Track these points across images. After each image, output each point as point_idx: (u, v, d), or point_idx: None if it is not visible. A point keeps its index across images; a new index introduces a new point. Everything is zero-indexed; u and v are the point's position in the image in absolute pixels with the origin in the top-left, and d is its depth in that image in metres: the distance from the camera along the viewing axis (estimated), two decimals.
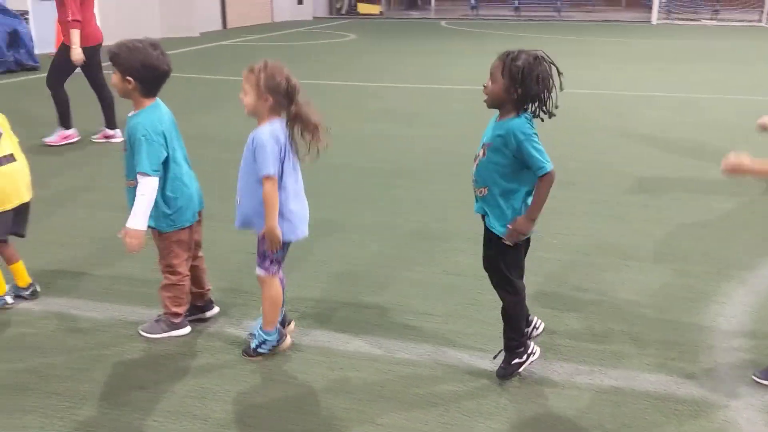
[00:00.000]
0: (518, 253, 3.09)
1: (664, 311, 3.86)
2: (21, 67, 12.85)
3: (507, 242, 2.98)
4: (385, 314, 3.81)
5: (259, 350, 3.36)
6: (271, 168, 3.09)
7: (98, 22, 7.77)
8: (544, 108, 2.94)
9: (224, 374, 3.23)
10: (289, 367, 3.28)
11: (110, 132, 7.81)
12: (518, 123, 2.89)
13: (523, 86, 2.85)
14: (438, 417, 2.93)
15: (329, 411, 2.96)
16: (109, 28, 16.84)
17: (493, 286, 3.18)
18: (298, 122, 3.16)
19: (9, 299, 3.82)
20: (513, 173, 2.94)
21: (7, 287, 3.84)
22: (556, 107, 2.98)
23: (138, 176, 3.25)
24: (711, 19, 26.03)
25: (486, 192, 3.00)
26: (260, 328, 3.36)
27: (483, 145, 3.01)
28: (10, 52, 12.79)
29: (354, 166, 6.75)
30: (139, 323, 3.62)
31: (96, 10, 7.62)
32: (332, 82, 11.98)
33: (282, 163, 3.14)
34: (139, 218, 3.23)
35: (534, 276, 4.26)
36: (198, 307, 3.70)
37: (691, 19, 25.87)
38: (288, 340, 3.44)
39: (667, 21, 25.60)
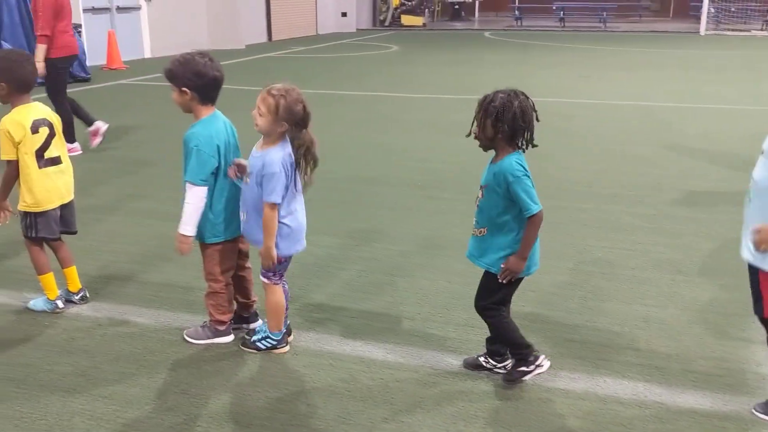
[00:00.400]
0: (509, 290, 3.15)
1: (711, 326, 3.78)
2: (73, 79, 13.21)
3: (502, 280, 3.06)
4: (426, 325, 3.81)
5: (258, 344, 3.51)
6: (276, 196, 3.23)
7: (147, 37, 7.87)
8: (530, 139, 3.03)
9: (267, 382, 3.26)
10: (331, 376, 3.30)
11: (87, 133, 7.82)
12: (508, 164, 2.96)
13: (506, 122, 2.93)
14: (479, 430, 2.91)
15: (370, 421, 2.96)
16: (159, 42, 17.35)
17: (478, 311, 3.23)
18: (307, 150, 3.29)
19: (60, 303, 3.93)
20: (507, 212, 3.00)
21: (59, 292, 3.95)
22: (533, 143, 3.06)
23: (186, 185, 3.33)
24: (762, 30, 25.48)
25: (485, 232, 3.08)
26: (266, 328, 3.52)
27: (480, 187, 3.09)
28: None
29: (394, 177, 6.78)
30: (184, 329, 3.69)
31: (145, 25, 7.73)
32: (374, 93, 12.05)
33: (287, 188, 3.26)
34: (185, 225, 3.38)
35: (580, 290, 4.24)
36: (243, 318, 3.75)
37: (741, 30, 25.36)
38: (286, 348, 3.54)
39: (716, 32, 25.13)
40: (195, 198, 3.35)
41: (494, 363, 3.33)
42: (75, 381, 3.26)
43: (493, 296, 3.15)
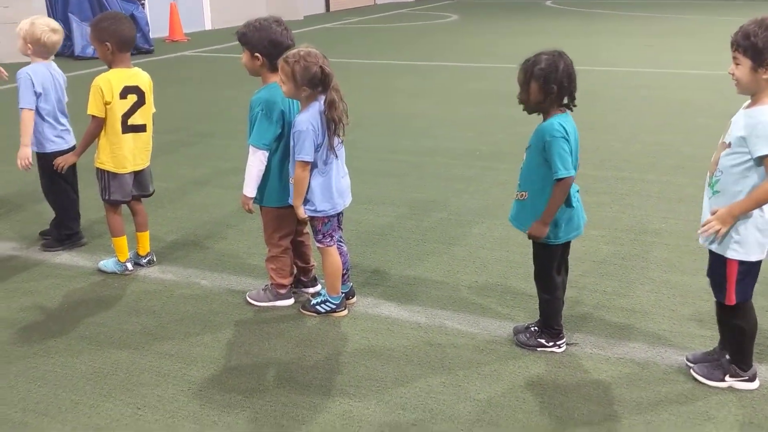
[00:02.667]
0: (555, 256, 3.14)
1: None
2: (137, 51, 13.48)
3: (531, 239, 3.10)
4: (483, 293, 3.81)
5: (318, 307, 3.58)
6: (305, 154, 3.26)
7: (208, 9, 7.94)
8: (573, 98, 3.01)
9: (326, 344, 3.33)
10: (389, 341, 3.35)
11: None
12: (549, 124, 2.96)
13: (555, 83, 2.92)
14: (536, 397, 2.92)
15: (428, 385, 3.00)
16: (219, 13, 17.52)
17: (536, 281, 3.24)
18: (332, 108, 3.26)
19: (129, 266, 4.08)
20: (548, 178, 2.98)
21: (129, 254, 4.10)
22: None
23: (249, 148, 3.42)
24: None
25: (526, 196, 3.08)
26: (326, 292, 3.58)
27: (526, 149, 3.08)
28: None
29: (452, 148, 6.74)
30: (246, 292, 3.78)
31: None
32: (433, 63, 11.96)
33: (319, 147, 3.27)
34: (247, 186, 3.48)
35: (641, 261, 4.18)
36: (302, 282, 3.83)
37: None
38: (344, 312, 3.59)
39: None
40: (256, 161, 3.42)
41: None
42: (143, 339, 3.39)
43: (546, 264, 3.14)
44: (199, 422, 2.77)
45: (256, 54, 3.41)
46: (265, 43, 3.39)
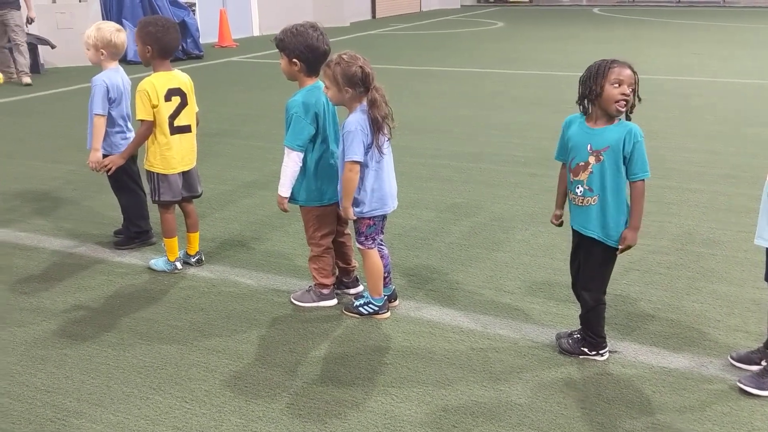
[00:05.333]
0: (615, 255, 3.12)
1: None
2: (187, 56, 13.77)
3: (620, 254, 3.07)
4: (526, 299, 3.82)
5: (361, 309, 3.63)
6: (354, 155, 3.31)
7: (256, 16, 8.06)
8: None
9: (369, 345, 3.38)
10: (431, 343, 3.38)
11: None
12: (637, 127, 2.97)
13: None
14: (578, 403, 2.92)
15: (469, 388, 3.03)
16: (266, 19, 17.79)
17: (580, 289, 3.21)
18: (375, 108, 3.31)
19: (179, 265, 4.19)
20: (623, 178, 3.00)
21: (180, 253, 4.21)
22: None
23: (285, 149, 3.51)
24: None
25: (596, 201, 3.02)
26: (368, 294, 3.64)
27: (595, 152, 2.99)
28: None
29: (497, 154, 6.74)
30: (290, 292, 3.86)
31: (254, 4, 7.91)
32: (478, 70, 11.95)
33: (369, 147, 3.33)
34: (282, 187, 3.57)
35: (688, 271, 4.14)
36: (344, 283, 3.89)
37: None
38: (387, 314, 3.62)
39: None
40: (291, 162, 3.52)
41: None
42: (191, 335, 3.49)
43: (607, 268, 3.13)
44: (245, 416, 2.85)
45: (294, 59, 3.49)
46: (302, 48, 3.47)
